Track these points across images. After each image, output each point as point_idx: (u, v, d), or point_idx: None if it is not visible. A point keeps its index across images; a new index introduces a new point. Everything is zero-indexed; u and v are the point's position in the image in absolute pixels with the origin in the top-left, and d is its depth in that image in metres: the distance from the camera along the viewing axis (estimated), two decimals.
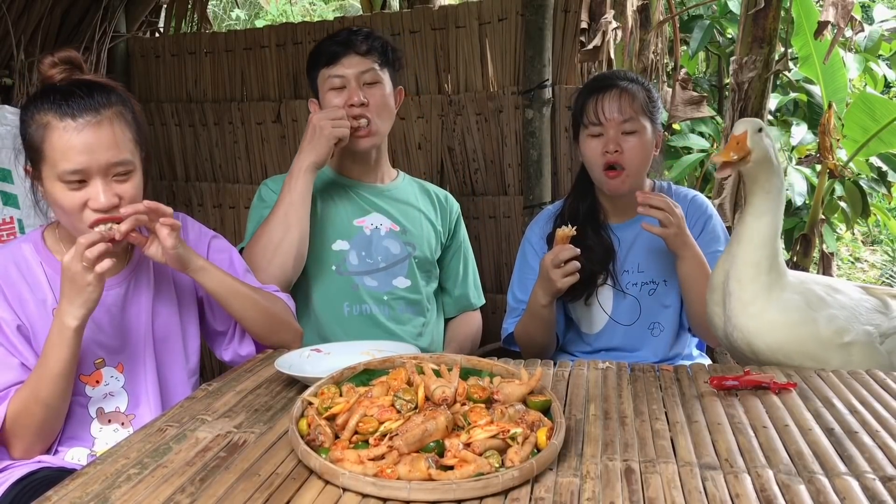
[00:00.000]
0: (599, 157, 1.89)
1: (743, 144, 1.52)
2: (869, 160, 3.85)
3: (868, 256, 6.55)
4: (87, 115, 1.45)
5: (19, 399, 1.43)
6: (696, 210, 2.00)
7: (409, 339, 2.05)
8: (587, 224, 1.96)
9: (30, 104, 1.49)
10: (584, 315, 2.02)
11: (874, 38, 4.25)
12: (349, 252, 2.08)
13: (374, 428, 1.12)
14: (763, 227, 1.56)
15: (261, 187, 2.15)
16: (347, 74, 2.01)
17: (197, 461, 1.13)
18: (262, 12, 9.34)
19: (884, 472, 1.07)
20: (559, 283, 1.78)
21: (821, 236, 3.66)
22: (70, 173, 1.44)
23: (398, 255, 2.11)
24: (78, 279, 1.39)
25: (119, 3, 3.30)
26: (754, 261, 1.56)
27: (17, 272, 1.51)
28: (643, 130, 1.89)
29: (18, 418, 1.42)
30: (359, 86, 2.01)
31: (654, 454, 1.13)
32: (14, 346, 1.47)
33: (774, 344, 1.55)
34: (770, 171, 1.56)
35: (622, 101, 1.88)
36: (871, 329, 1.57)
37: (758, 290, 1.56)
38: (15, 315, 1.48)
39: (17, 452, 1.45)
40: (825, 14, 2.66)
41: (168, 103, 3.38)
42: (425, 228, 2.17)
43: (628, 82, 1.93)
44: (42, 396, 1.42)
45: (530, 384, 1.23)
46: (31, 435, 1.44)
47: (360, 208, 2.12)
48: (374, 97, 2.02)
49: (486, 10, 2.80)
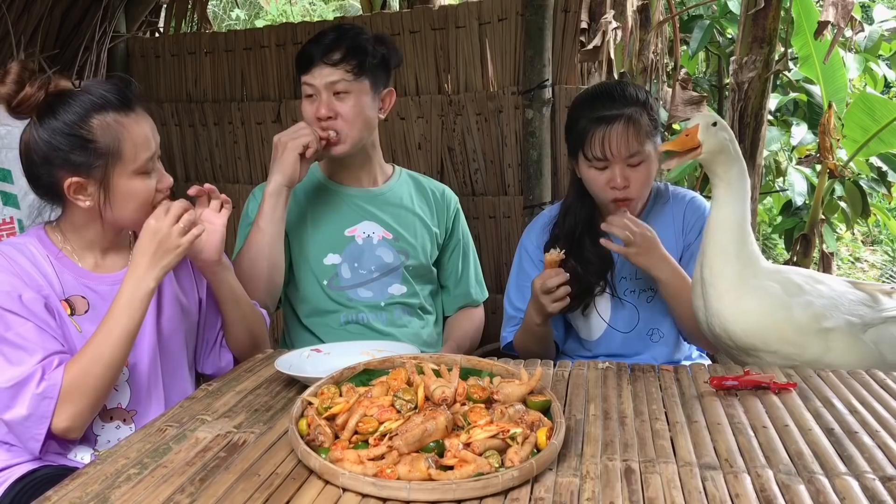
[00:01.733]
0: (606, 189, 1.85)
1: (693, 137, 1.57)
2: (869, 160, 3.86)
3: (868, 256, 6.55)
4: (136, 105, 1.53)
5: (77, 365, 1.41)
6: (693, 212, 1.98)
7: (409, 340, 2.03)
8: (584, 235, 1.93)
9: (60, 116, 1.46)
10: (582, 323, 2.01)
11: (874, 38, 4.25)
12: (341, 265, 2.03)
13: (373, 428, 1.12)
14: (727, 215, 1.60)
15: (249, 197, 2.11)
16: (317, 85, 1.94)
17: (197, 461, 1.13)
18: (262, 12, 9.35)
19: (883, 472, 1.07)
20: (549, 307, 1.78)
21: (821, 236, 3.66)
22: (149, 160, 1.52)
23: (391, 263, 2.06)
24: (168, 241, 1.46)
25: (119, 4, 3.30)
26: (722, 248, 1.59)
27: (28, 262, 1.51)
28: (648, 157, 1.84)
29: (75, 383, 1.39)
30: (329, 96, 1.93)
31: (654, 454, 1.13)
32: (45, 321, 1.45)
33: (750, 329, 1.57)
34: (727, 163, 1.60)
35: (629, 134, 1.80)
36: (853, 319, 1.58)
37: (731, 276, 1.58)
38: (39, 295, 1.47)
39: (63, 421, 1.40)
40: (825, 14, 2.66)
41: (168, 103, 3.38)
42: (420, 233, 2.12)
43: (631, 106, 1.83)
44: (106, 359, 1.42)
45: (530, 384, 1.23)
46: (85, 399, 1.41)
47: (352, 216, 2.07)
48: (344, 108, 1.94)
49: (486, 10, 2.80)
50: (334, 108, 1.93)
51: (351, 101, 1.94)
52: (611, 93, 1.89)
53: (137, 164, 1.49)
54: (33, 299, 1.46)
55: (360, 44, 1.95)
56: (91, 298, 1.54)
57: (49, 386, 1.38)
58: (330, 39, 1.95)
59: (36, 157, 1.49)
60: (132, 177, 1.50)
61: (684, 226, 1.98)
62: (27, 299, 1.45)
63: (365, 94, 1.97)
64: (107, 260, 1.60)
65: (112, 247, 1.60)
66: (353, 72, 1.93)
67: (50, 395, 1.38)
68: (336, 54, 1.93)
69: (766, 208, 5.31)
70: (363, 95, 1.96)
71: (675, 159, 1.61)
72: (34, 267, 1.51)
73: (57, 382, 1.39)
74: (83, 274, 1.55)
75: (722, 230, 1.60)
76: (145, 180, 1.52)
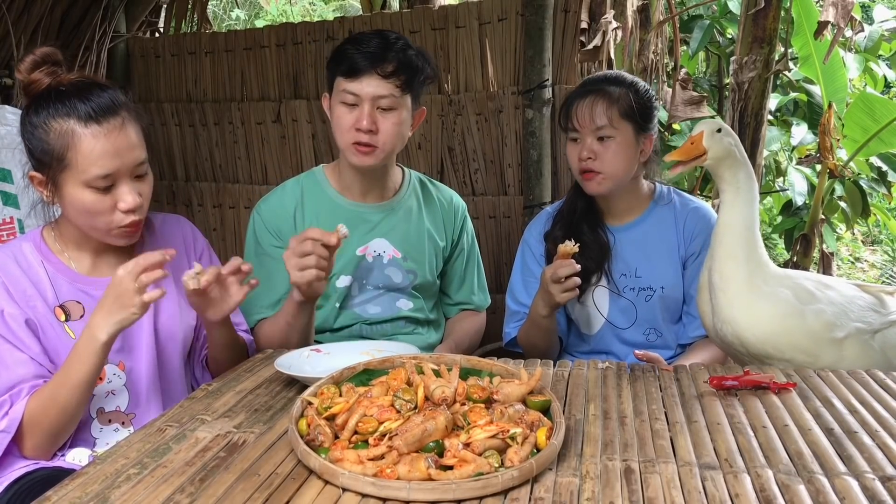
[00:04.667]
0: (576, 162, 1.93)
1: (698, 145, 1.58)
2: (869, 160, 3.86)
3: (868, 256, 6.55)
4: (111, 119, 1.45)
5: (38, 400, 1.42)
6: (697, 221, 1.99)
7: (414, 344, 2.01)
8: (584, 221, 1.97)
9: (38, 110, 1.46)
10: (581, 315, 2.02)
11: (874, 38, 4.25)
12: (352, 286, 1.99)
13: (373, 428, 1.12)
14: (735, 219, 1.60)
15: (252, 216, 2.00)
16: (363, 95, 1.83)
17: (196, 461, 1.13)
18: (262, 12, 9.35)
19: (883, 471, 1.07)
20: (558, 297, 1.79)
21: (821, 236, 3.66)
22: (101, 178, 1.44)
23: (399, 283, 2.02)
24: (125, 297, 1.37)
25: (119, 4, 3.31)
26: (731, 253, 1.59)
27: (18, 269, 1.51)
28: (619, 135, 1.88)
29: (34, 418, 1.41)
30: (373, 108, 1.84)
31: (654, 454, 1.13)
32: (22, 340, 1.46)
33: (763, 336, 1.56)
34: (734, 167, 1.60)
35: (596, 107, 1.88)
36: (862, 326, 1.58)
37: (740, 281, 1.58)
38: (21, 310, 1.48)
39: (27, 451, 1.45)
40: (825, 14, 2.66)
41: (168, 103, 3.39)
42: (427, 249, 2.06)
43: (612, 86, 1.91)
44: (61, 402, 1.41)
45: (530, 384, 1.23)
46: (43, 436, 1.43)
47: (363, 235, 1.99)
48: (385, 124, 1.85)
49: (486, 10, 2.80)
50: (376, 122, 1.85)
51: (394, 117, 1.86)
52: (597, 77, 2.02)
53: (87, 177, 1.43)
54: (14, 316, 1.46)
55: (411, 59, 1.87)
56: (86, 303, 1.54)
57: (10, 421, 1.40)
58: (378, 47, 1.84)
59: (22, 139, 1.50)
60: (82, 188, 1.45)
61: (686, 233, 1.99)
62: (8, 315, 1.46)
63: (406, 111, 1.89)
64: (102, 262, 1.59)
65: (106, 248, 1.58)
66: (402, 87, 1.85)
67: (9, 430, 1.40)
68: (389, 66, 1.83)
69: (767, 208, 5.31)
70: (404, 112, 1.89)
71: (680, 167, 1.61)
72: (25, 275, 1.51)
73: (18, 416, 1.40)
74: (78, 278, 1.55)
75: (731, 234, 1.60)
76: (96, 195, 1.45)
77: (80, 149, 1.43)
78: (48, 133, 1.44)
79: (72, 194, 1.46)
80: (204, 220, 3.39)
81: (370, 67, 1.82)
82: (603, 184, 1.91)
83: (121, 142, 1.45)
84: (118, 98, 1.49)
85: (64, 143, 1.43)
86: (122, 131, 1.46)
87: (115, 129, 1.45)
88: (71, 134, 1.43)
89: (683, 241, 1.98)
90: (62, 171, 1.45)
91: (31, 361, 1.46)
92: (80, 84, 1.49)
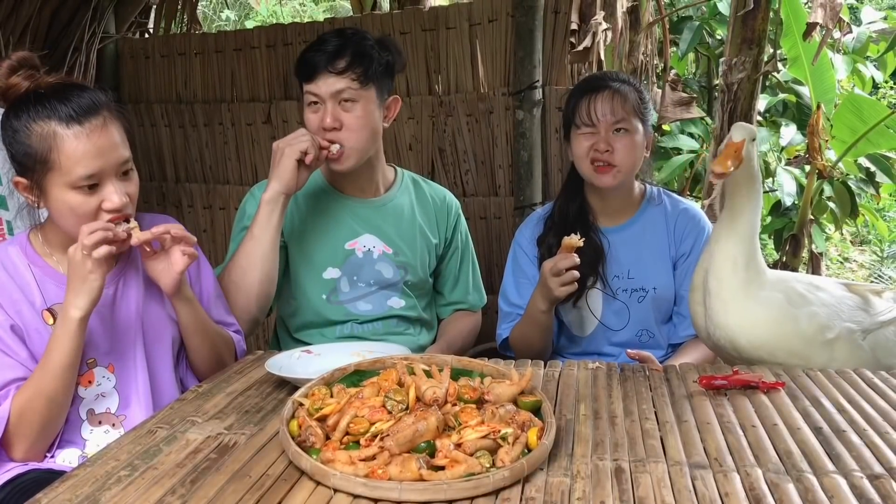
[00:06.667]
0: (588, 156, 1.90)
1: (740, 153, 1.50)
2: (857, 161, 3.87)
3: (857, 256, 6.58)
4: (92, 118, 1.45)
5: (23, 396, 1.41)
6: (687, 222, 2.00)
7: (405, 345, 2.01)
8: (576, 225, 1.96)
9: (19, 114, 1.46)
10: (574, 317, 2.02)
11: (862, 40, 4.27)
12: (340, 279, 1.99)
13: (365, 429, 1.12)
14: (741, 225, 1.59)
15: (247, 195, 2.03)
16: (322, 93, 1.86)
17: (187, 463, 1.13)
18: (252, 13, 9.34)
19: (871, 470, 1.08)
20: (556, 291, 1.79)
21: (810, 236, 3.67)
22: (86, 178, 1.44)
23: (390, 279, 2.02)
24: (79, 268, 1.40)
25: (108, 4, 3.29)
26: (732, 257, 1.58)
27: (5, 274, 1.50)
28: (634, 131, 1.90)
29: (23, 416, 1.41)
30: (335, 105, 1.86)
31: (644, 454, 1.14)
32: (8, 346, 1.46)
33: (757, 341, 1.56)
34: (752, 175, 1.59)
35: (614, 101, 1.89)
36: (853, 326, 1.58)
37: (737, 286, 1.58)
38: (7, 315, 1.47)
39: (19, 454, 1.44)
40: (814, 15, 2.68)
41: (158, 104, 3.37)
42: (419, 247, 2.07)
43: (620, 83, 1.93)
44: (47, 391, 1.41)
45: (521, 384, 1.23)
46: (34, 433, 1.43)
47: (353, 228, 2.01)
48: (349, 118, 1.87)
49: (476, 12, 2.80)
50: (340, 118, 1.86)
51: (357, 110, 1.87)
52: (602, 75, 2.12)
53: (71, 178, 1.43)
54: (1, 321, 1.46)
55: (366, 50, 1.88)
56: None
57: None
58: (333, 46, 1.87)
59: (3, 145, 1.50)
60: (67, 189, 1.45)
61: (676, 234, 1.99)
62: None
63: (371, 103, 1.90)
64: None
65: None
66: (360, 80, 1.86)
67: None
68: (341, 62, 1.85)
69: None
70: (369, 104, 1.89)
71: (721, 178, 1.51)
72: (12, 279, 1.50)
73: (4, 415, 1.40)
74: (65, 281, 1.54)
75: (735, 240, 1.58)
76: (82, 195, 1.45)
77: (63, 150, 1.42)
78: (30, 136, 1.44)
79: (57, 197, 1.46)
80: (194, 222, 3.38)
81: (324, 66, 1.85)
82: (617, 177, 1.91)
83: (103, 141, 1.45)
84: (99, 98, 1.48)
85: (46, 145, 1.43)
86: (104, 130, 1.46)
87: (97, 128, 1.45)
88: (53, 136, 1.42)
89: (674, 242, 1.99)
90: (46, 173, 1.44)
91: (19, 366, 1.46)
92: (59, 86, 1.48)
